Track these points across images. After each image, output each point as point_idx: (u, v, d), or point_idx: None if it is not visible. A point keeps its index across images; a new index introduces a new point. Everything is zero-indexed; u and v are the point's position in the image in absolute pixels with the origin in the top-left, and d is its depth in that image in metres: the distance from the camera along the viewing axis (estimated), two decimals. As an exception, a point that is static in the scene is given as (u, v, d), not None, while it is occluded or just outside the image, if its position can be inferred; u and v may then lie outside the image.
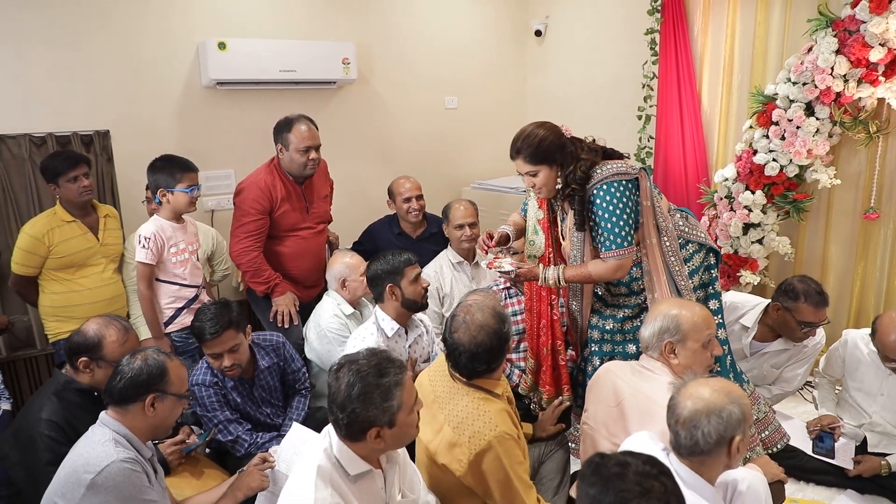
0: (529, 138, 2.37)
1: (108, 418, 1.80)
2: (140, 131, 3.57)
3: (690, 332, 2.03)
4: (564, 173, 2.37)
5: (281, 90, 3.93)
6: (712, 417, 1.56)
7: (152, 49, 3.55)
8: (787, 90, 3.22)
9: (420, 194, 3.66)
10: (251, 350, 2.51)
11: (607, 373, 2.19)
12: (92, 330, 2.13)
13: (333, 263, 3.12)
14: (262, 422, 2.54)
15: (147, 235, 2.81)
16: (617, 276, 2.38)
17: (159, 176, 2.85)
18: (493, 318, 1.94)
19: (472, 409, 1.89)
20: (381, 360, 1.65)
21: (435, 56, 4.58)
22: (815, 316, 2.61)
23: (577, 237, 2.46)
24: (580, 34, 4.62)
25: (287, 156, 3.11)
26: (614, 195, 2.31)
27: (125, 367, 1.82)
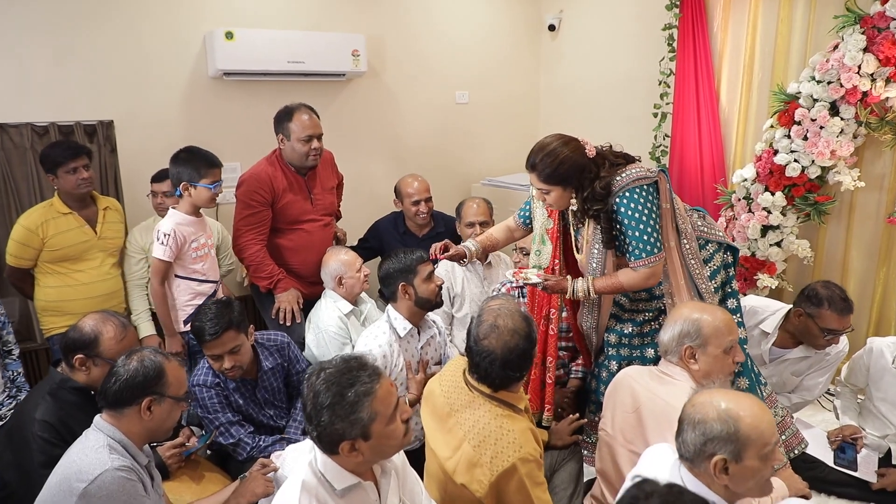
0: (548, 157, 2.23)
1: (103, 422, 1.73)
2: (145, 122, 3.50)
3: (712, 336, 1.95)
4: (582, 195, 2.27)
5: (289, 82, 3.85)
6: (697, 427, 1.49)
7: (158, 38, 3.48)
8: (811, 89, 3.12)
9: (428, 196, 3.57)
10: (254, 350, 2.43)
11: (625, 378, 2.11)
12: (88, 326, 2.05)
13: (328, 261, 3.04)
14: (265, 424, 2.46)
15: (167, 232, 2.69)
16: (649, 284, 2.30)
17: (182, 169, 2.72)
18: (522, 322, 1.88)
19: (495, 427, 1.80)
20: (352, 367, 1.53)
21: (446, 50, 4.50)
22: (839, 323, 2.52)
23: (596, 249, 2.37)
24: (595, 29, 4.52)
25: (289, 146, 3.03)
26: (638, 202, 2.22)
27: (120, 368, 1.74)
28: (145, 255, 3.13)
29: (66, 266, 2.89)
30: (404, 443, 1.59)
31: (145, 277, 3.14)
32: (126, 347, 2.04)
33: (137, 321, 3.09)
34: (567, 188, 2.28)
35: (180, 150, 2.78)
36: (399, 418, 1.56)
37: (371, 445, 1.51)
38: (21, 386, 2.75)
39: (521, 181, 4.37)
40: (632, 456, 2.01)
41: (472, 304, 3.34)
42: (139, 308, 3.11)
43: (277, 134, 3.06)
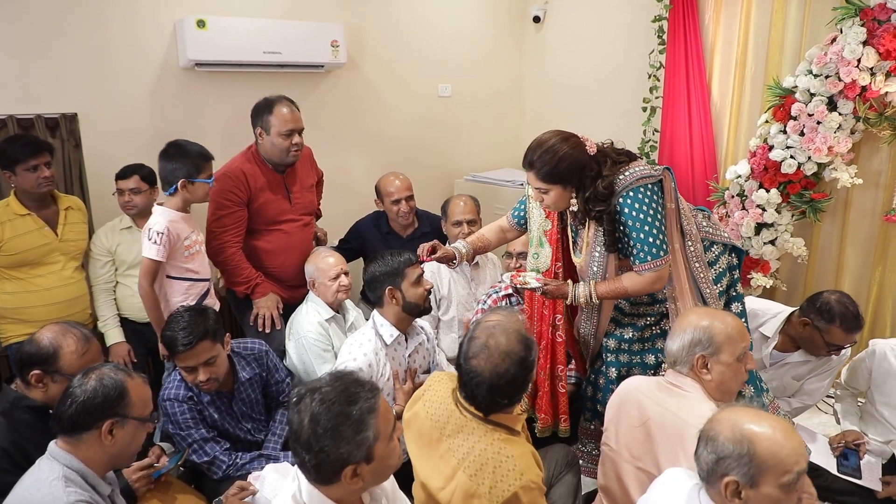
0: (547, 154, 2.11)
1: (58, 450, 1.56)
2: (111, 115, 3.29)
3: (724, 344, 1.83)
4: (584, 195, 2.14)
5: (264, 73, 3.67)
6: (709, 444, 1.39)
7: (125, 26, 3.26)
8: (809, 83, 3.03)
9: (410, 195, 3.41)
10: (230, 360, 2.27)
11: (631, 390, 1.98)
12: (47, 339, 1.88)
13: (308, 262, 2.90)
14: (243, 438, 2.30)
15: (160, 230, 2.49)
16: (655, 288, 2.18)
17: (178, 165, 2.55)
18: (518, 344, 1.70)
19: (493, 454, 1.65)
20: (349, 383, 1.40)
21: (428, 41, 4.34)
22: (844, 340, 2.44)
23: (598, 252, 2.25)
24: (581, 21, 4.40)
25: (268, 140, 2.84)
26: (642, 202, 2.09)
27: (76, 388, 1.57)
28: (111, 258, 2.93)
29: (24, 271, 2.69)
30: (398, 463, 1.46)
31: (112, 281, 2.95)
32: (88, 362, 1.87)
33: (105, 328, 2.90)
34: (567, 187, 2.16)
35: (168, 145, 2.61)
36: (395, 437, 1.44)
37: (372, 469, 1.39)
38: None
39: (507, 177, 4.25)
40: (638, 473, 1.89)
41: (458, 306, 3.21)
42: (106, 314, 2.91)
43: (255, 128, 2.88)
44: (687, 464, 1.77)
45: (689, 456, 1.77)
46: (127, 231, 2.97)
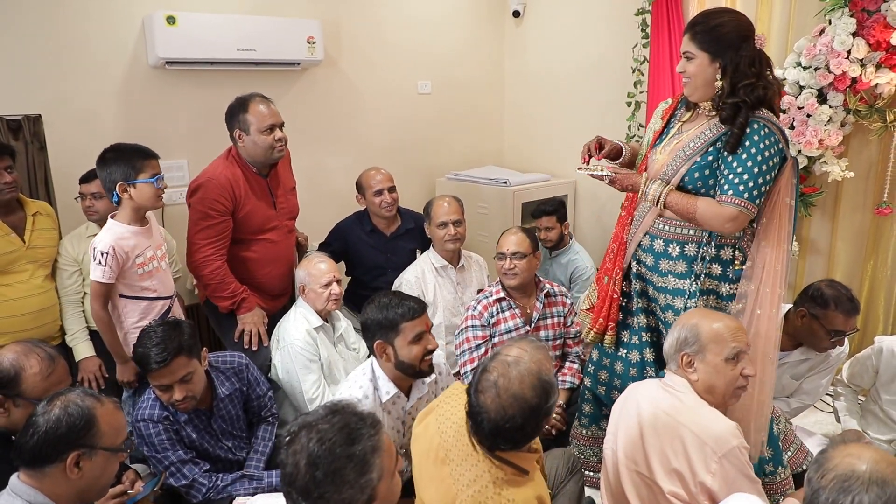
0: (710, 16, 2.04)
1: (21, 484, 1.43)
2: (78, 116, 3.14)
3: (710, 342, 1.80)
4: (734, 80, 1.98)
5: (239, 71, 3.53)
6: (873, 487, 1.25)
7: (91, 23, 3.11)
8: (798, 75, 2.98)
9: (392, 186, 3.33)
10: (208, 376, 2.13)
11: (633, 392, 1.97)
12: (8, 360, 1.75)
13: (299, 267, 2.77)
14: (223, 458, 2.17)
15: (104, 250, 2.29)
16: (725, 227, 2.00)
17: (114, 169, 2.35)
18: (532, 391, 1.55)
19: (491, 494, 1.54)
20: (349, 419, 1.27)
21: (407, 37, 4.24)
22: (845, 324, 2.39)
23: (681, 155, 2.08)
24: (562, 14, 4.32)
25: (249, 140, 2.69)
26: (771, 146, 1.96)
27: (39, 417, 1.45)
28: (79, 267, 2.78)
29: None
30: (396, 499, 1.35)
31: (80, 292, 2.78)
32: (54, 384, 1.75)
33: (73, 342, 2.73)
34: (714, 60, 2.01)
35: (105, 150, 2.42)
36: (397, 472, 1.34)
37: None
38: None
39: (489, 175, 4.16)
40: (633, 476, 1.86)
41: (445, 311, 3.11)
42: (74, 327, 2.75)
43: (233, 131, 2.73)
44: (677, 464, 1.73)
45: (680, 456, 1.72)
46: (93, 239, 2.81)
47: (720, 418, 1.78)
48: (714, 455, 1.70)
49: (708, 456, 1.71)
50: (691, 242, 2.13)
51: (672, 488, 1.78)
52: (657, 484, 1.81)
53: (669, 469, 1.78)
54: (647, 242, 2.23)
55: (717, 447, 1.70)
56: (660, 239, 2.19)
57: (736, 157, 1.98)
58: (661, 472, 1.80)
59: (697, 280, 2.14)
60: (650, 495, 1.85)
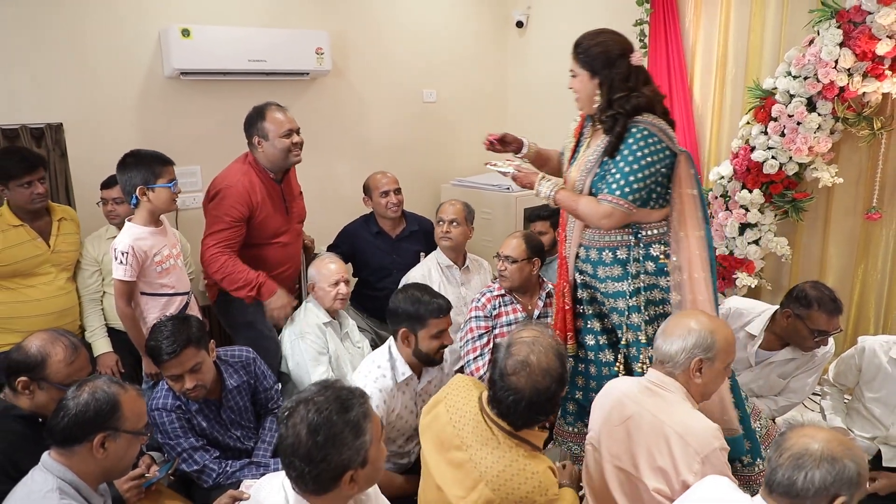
0: (586, 38, 2.23)
1: (52, 462, 1.55)
2: (97, 125, 3.28)
3: (721, 352, 1.87)
4: (610, 95, 2.15)
5: (250, 81, 3.67)
6: (823, 464, 1.35)
7: (110, 36, 3.26)
8: (788, 84, 3.08)
9: (398, 188, 3.47)
10: (217, 368, 2.26)
11: (613, 390, 2.02)
12: (35, 347, 1.87)
13: (312, 265, 2.90)
14: (232, 447, 2.29)
15: (124, 250, 2.42)
16: (602, 223, 2.19)
17: (134, 173, 2.48)
18: (556, 361, 1.74)
19: (517, 469, 1.69)
20: (339, 392, 1.43)
21: (412, 47, 4.37)
22: (828, 324, 2.47)
23: (585, 168, 2.26)
24: (564, 25, 4.42)
25: (268, 146, 2.77)
26: (648, 146, 2.11)
27: (69, 401, 1.57)
28: (99, 268, 2.92)
29: (15, 281, 2.66)
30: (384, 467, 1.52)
31: (100, 291, 2.93)
32: (76, 371, 1.87)
33: (92, 338, 2.88)
34: (593, 77, 2.19)
35: (125, 155, 2.56)
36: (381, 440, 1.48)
37: (367, 473, 1.42)
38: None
39: (492, 181, 4.26)
40: (617, 472, 1.91)
41: (449, 309, 3.22)
42: (94, 324, 2.90)
43: (252, 137, 2.81)
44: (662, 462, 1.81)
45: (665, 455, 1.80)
46: (113, 241, 2.95)
47: (703, 420, 1.83)
48: (697, 455, 1.75)
49: (691, 456, 1.76)
50: (621, 247, 2.28)
51: (657, 485, 1.83)
52: (642, 481, 1.85)
53: (655, 467, 1.83)
54: (584, 254, 2.38)
55: (700, 448, 1.75)
56: (593, 248, 2.34)
57: (614, 161, 2.15)
58: (647, 470, 1.84)
59: (635, 279, 2.27)
60: (633, 491, 1.90)
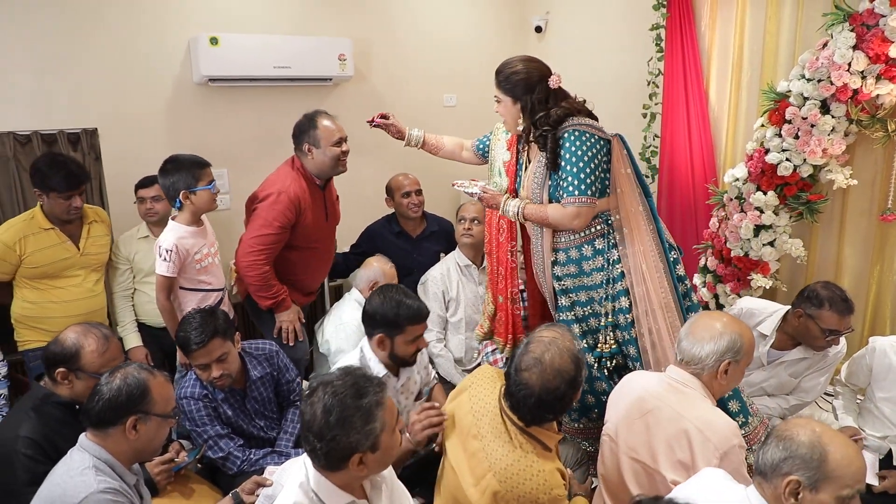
0: (508, 67, 2.39)
1: (89, 442, 1.67)
2: (129, 129, 3.42)
3: (747, 353, 1.95)
4: (532, 117, 2.33)
5: (275, 87, 3.79)
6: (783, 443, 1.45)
7: (142, 44, 3.41)
8: (802, 87, 3.10)
9: (419, 189, 3.58)
10: (242, 360, 2.38)
11: (632, 384, 2.07)
12: (70, 339, 2.00)
13: (369, 265, 3.06)
14: (256, 436, 2.41)
15: (168, 248, 2.57)
16: (573, 224, 2.32)
17: (176, 178, 2.60)
18: (571, 363, 1.79)
19: (525, 465, 1.76)
20: (358, 378, 1.52)
21: (433, 52, 4.46)
22: (839, 324, 2.50)
23: (536, 183, 2.40)
24: (582, 30, 4.50)
25: (319, 153, 2.83)
26: (585, 143, 2.27)
27: (103, 387, 1.68)
28: (130, 266, 3.06)
29: (45, 282, 2.74)
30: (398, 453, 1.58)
31: (130, 288, 3.07)
32: (109, 360, 2.00)
33: (124, 333, 3.01)
34: (515, 102, 2.37)
35: (165, 161, 2.68)
36: (398, 429, 1.55)
37: (377, 458, 1.50)
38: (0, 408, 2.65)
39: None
40: (633, 464, 1.96)
41: (466, 308, 3.31)
42: (125, 319, 3.04)
43: (302, 145, 2.86)
44: (681, 456, 1.86)
45: (685, 449, 1.85)
46: (144, 240, 3.09)
47: (723, 417, 1.88)
48: (716, 451, 1.79)
49: (710, 452, 1.80)
50: (597, 238, 2.41)
51: (675, 477, 1.86)
52: (659, 472, 1.89)
53: (674, 460, 1.87)
54: (563, 257, 2.47)
55: (720, 444, 1.80)
56: (572, 248, 2.44)
57: (561, 167, 2.31)
58: (666, 463, 1.88)
59: (617, 265, 2.39)
60: (650, 482, 1.94)
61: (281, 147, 3.19)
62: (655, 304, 2.34)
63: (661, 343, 2.35)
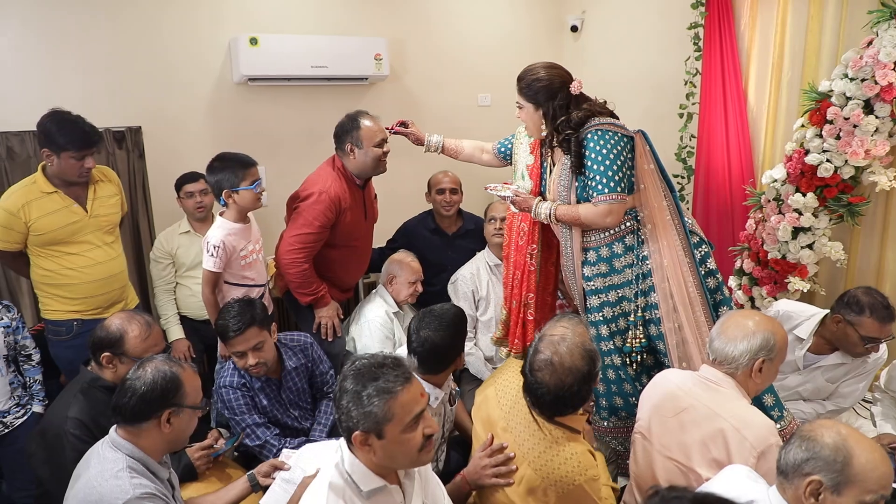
0: (530, 73, 2.43)
1: (120, 439, 1.69)
2: (171, 128, 3.53)
3: (780, 352, 1.93)
4: (554, 123, 2.35)
5: (312, 86, 3.86)
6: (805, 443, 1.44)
7: (184, 45, 3.51)
8: (844, 86, 3.03)
9: (455, 188, 3.61)
10: (277, 350, 2.44)
11: (665, 382, 2.06)
12: (115, 325, 2.09)
13: (391, 261, 3.09)
14: (290, 426, 2.47)
15: (216, 244, 2.60)
16: (606, 222, 2.34)
17: (221, 177, 2.61)
18: (582, 360, 1.80)
19: (557, 452, 1.78)
20: (383, 364, 1.55)
21: (468, 52, 4.47)
22: (879, 332, 2.45)
23: (563, 186, 2.41)
24: (618, 29, 4.47)
25: (361, 154, 2.84)
26: (608, 142, 2.29)
27: (135, 381, 1.69)
28: (172, 261, 3.15)
29: (57, 249, 2.62)
30: (420, 459, 1.56)
31: (172, 282, 3.16)
32: (151, 346, 2.09)
33: (166, 325, 3.11)
34: (537, 108, 2.40)
35: (213, 159, 2.70)
36: (420, 431, 1.53)
37: (383, 445, 1.51)
38: (35, 394, 2.72)
39: (545, 184, 4.33)
40: (667, 462, 1.95)
41: (496, 307, 3.32)
42: (168, 312, 3.13)
43: (344, 145, 2.88)
44: (717, 454, 1.85)
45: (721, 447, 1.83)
46: (185, 235, 3.17)
47: (760, 416, 1.86)
48: (753, 451, 1.77)
49: (747, 450, 1.78)
50: (627, 234, 2.40)
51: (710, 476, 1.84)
52: (694, 471, 1.88)
53: (710, 459, 1.85)
54: (594, 256, 2.46)
55: (757, 443, 1.78)
56: (603, 247, 2.43)
57: (587, 167, 2.32)
58: (702, 462, 1.87)
59: (647, 261, 2.39)
60: (685, 481, 1.91)
61: (318, 146, 3.25)
62: (678, 301, 2.34)
63: (686, 340, 2.35)
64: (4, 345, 2.63)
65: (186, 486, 2.08)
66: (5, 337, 2.63)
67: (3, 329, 2.65)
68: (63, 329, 2.68)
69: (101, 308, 2.72)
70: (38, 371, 2.74)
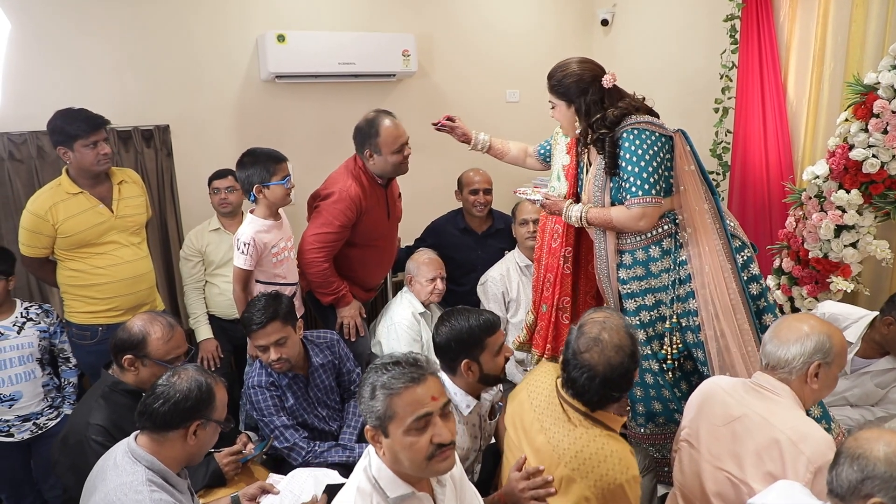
0: (560, 69, 2.35)
1: (140, 450, 1.63)
2: (199, 126, 3.52)
3: (838, 356, 1.81)
4: (588, 120, 2.27)
5: (340, 83, 3.83)
6: (857, 462, 1.34)
7: (212, 42, 3.50)
8: (892, 78, 2.91)
9: (488, 188, 3.56)
10: (304, 347, 2.41)
11: (714, 388, 1.97)
12: (136, 326, 2.07)
13: (411, 259, 3.05)
14: (317, 427, 2.44)
15: (247, 241, 2.57)
16: (639, 226, 2.25)
17: (251, 172, 2.59)
18: (627, 338, 1.79)
19: (596, 448, 1.72)
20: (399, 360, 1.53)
21: (496, 48, 4.41)
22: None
23: (597, 186, 2.33)
24: (650, 22, 4.36)
25: (380, 160, 2.80)
26: (644, 142, 2.19)
27: (168, 388, 1.65)
28: (201, 258, 3.13)
29: (85, 251, 2.61)
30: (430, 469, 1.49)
31: (202, 280, 3.15)
32: (174, 347, 2.06)
33: (195, 325, 3.09)
34: (570, 106, 2.32)
35: (243, 154, 2.68)
36: (428, 437, 1.47)
37: (389, 445, 1.48)
38: (67, 396, 2.73)
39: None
40: (716, 472, 1.87)
41: (527, 309, 3.25)
42: (196, 311, 3.11)
43: (363, 150, 2.83)
44: (771, 467, 1.75)
45: (776, 460, 1.74)
46: (214, 233, 3.16)
47: (818, 429, 1.76)
48: (810, 465, 1.68)
49: (803, 465, 1.69)
50: (664, 238, 2.31)
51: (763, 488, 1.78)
52: (746, 483, 1.80)
53: (764, 472, 1.77)
54: (629, 259, 2.37)
55: (814, 457, 1.68)
56: (638, 250, 2.34)
57: (622, 168, 2.23)
58: (756, 475, 1.78)
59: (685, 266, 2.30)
60: (736, 494, 1.84)
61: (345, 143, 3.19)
62: (720, 308, 2.24)
63: (728, 348, 2.24)
64: (39, 349, 2.67)
65: (216, 492, 2.05)
66: (40, 341, 2.68)
67: (40, 333, 2.69)
68: (88, 333, 2.67)
69: (128, 310, 2.70)
70: (75, 374, 2.80)
